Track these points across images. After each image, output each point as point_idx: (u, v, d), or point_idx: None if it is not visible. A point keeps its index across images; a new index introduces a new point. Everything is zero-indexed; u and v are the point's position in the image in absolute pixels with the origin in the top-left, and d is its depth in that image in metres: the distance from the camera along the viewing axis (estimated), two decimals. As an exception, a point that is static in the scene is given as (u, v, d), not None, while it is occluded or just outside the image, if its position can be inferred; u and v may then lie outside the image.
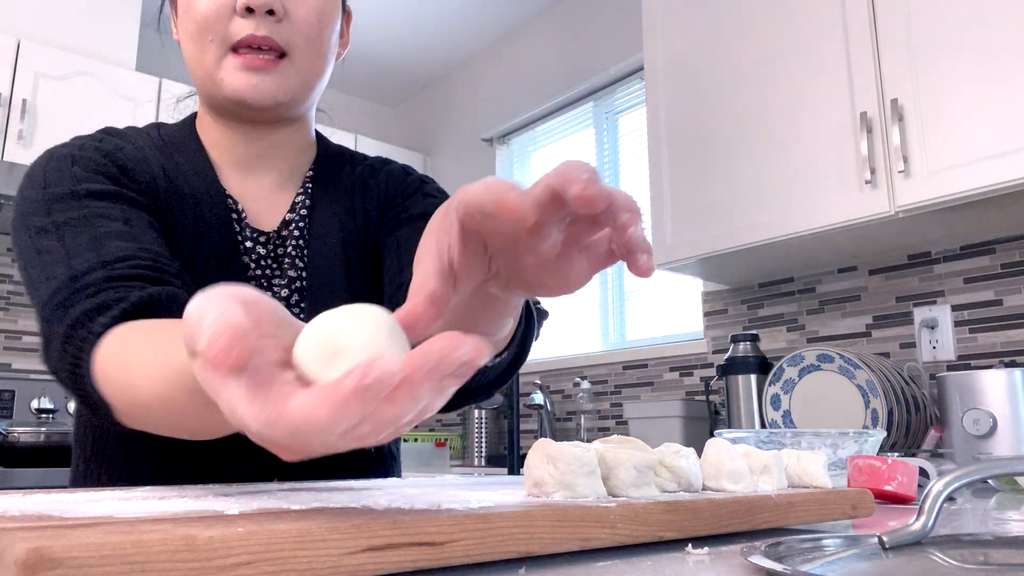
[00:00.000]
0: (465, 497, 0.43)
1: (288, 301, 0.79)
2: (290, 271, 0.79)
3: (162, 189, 0.75)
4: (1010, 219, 1.76)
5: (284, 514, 0.34)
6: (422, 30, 3.57)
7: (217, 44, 0.73)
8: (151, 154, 0.77)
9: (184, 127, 0.83)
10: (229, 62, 0.73)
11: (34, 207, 0.67)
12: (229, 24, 0.73)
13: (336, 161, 0.88)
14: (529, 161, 3.45)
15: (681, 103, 2.20)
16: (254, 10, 0.72)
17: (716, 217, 2.04)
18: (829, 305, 2.20)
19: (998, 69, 1.56)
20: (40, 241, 0.65)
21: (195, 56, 0.75)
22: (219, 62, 0.74)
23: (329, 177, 0.86)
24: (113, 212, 0.67)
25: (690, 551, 0.42)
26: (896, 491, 0.76)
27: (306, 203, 0.83)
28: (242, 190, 0.80)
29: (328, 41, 0.78)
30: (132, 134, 0.79)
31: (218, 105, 0.78)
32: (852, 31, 1.79)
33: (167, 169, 0.76)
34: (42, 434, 2.44)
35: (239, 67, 0.73)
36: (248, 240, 0.79)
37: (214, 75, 0.74)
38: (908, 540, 0.42)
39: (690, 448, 0.53)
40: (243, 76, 0.73)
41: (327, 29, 0.77)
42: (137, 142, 0.78)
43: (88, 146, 0.73)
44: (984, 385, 1.50)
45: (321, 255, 0.80)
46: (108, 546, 0.25)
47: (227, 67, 0.73)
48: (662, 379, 2.64)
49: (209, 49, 0.74)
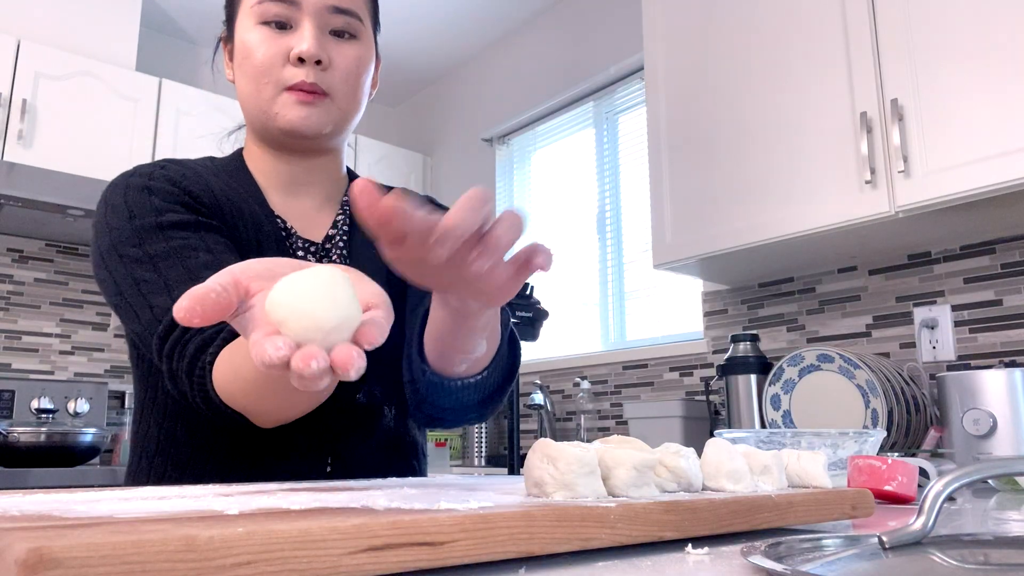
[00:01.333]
0: (465, 497, 0.43)
1: None
2: None
3: (225, 209, 0.86)
4: (1010, 219, 1.76)
5: (284, 514, 0.34)
6: (422, 30, 3.57)
7: (272, 86, 0.86)
8: (209, 179, 0.88)
9: (233, 158, 0.95)
10: (283, 98, 0.86)
11: (124, 237, 0.78)
12: (282, 71, 0.85)
13: None
14: (529, 161, 3.45)
15: (681, 103, 2.20)
16: (306, 60, 0.85)
17: (716, 217, 2.04)
18: (829, 305, 2.20)
19: (998, 69, 1.56)
20: (136, 271, 0.76)
21: (251, 94, 0.87)
22: (273, 99, 0.86)
23: None
24: (196, 243, 0.78)
25: (690, 551, 0.42)
26: (896, 491, 0.76)
27: (346, 222, 0.95)
28: (286, 209, 0.92)
29: (364, 86, 0.91)
30: (189, 162, 0.91)
31: (269, 135, 0.90)
32: (852, 31, 1.79)
33: (225, 191, 0.88)
34: (42, 434, 2.44)
35: (293, 102, 0.86)
36: (300, 250, 0.90)
37: (268, 110, 0.86)
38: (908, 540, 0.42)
39: (690, 448, 0.53)
40: (295, 109, 0.86)
41: (364, 76, 0.91)
42: (196, 168, 0.89)
43: (157, 175, 0.84)
44: (984, 385, 1.50)
45: (362, 263, 0.91)
46: (108, 546, 0.25)
47: (281, 103, 0.86)
48: (662, 379, 2.64)
49: (265, 90, 0.86)
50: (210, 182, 0.87)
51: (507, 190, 3.50)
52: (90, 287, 3.18)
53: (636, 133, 2.95)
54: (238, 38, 0.89)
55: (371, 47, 0.92)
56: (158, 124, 2.92)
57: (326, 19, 0.86)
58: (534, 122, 3.38)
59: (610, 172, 3.03)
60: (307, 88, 0.85)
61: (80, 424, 2.68)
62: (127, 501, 0.41)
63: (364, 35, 0.90)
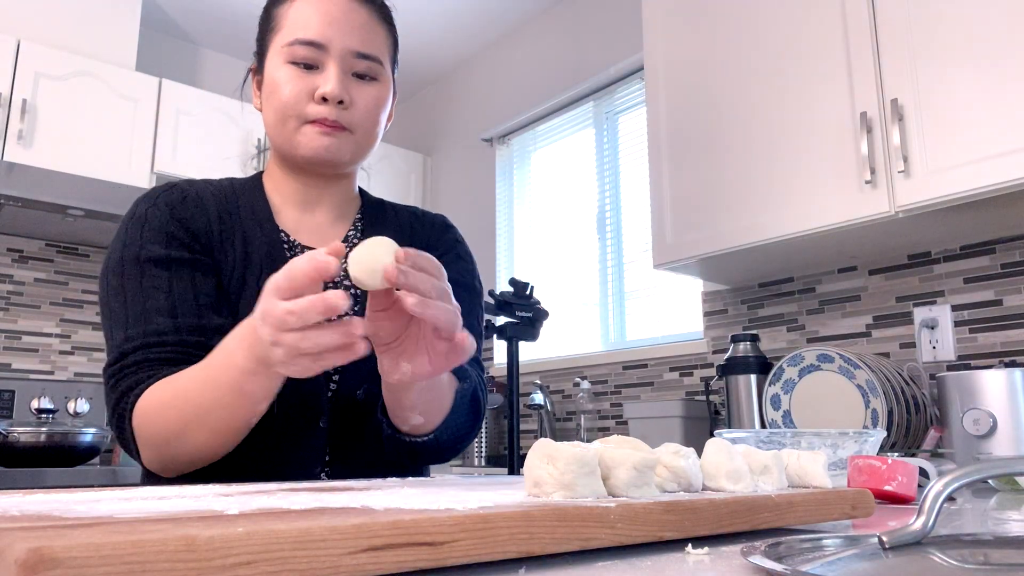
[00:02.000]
0: (465, 497, 0.43)
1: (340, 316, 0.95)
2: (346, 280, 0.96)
3: (216, 229, 0.94)
4: (1010, 219, 1.76)
5: (284, 514, 0.34)
6: (422, 30, 3.57)
7: (296, 119, 0.92)
8: (210, 202, 0.95)
9: (253, 178, 1.02)
10: (306, 129, 0.92)
11: (113, 265, 0.88)
12: (307, 107, 0.91)
13: (379, 208, 1.07)
14: (529, 161, 3.45)
15: (681, 103, 2.20)
16: (328, 100, 0.90)
17: (716, 217, 2.04)
18: (829, 305, 2.20)
19: (998, 69, 1.56)
20: (112, 301, 0.86)
21: (277, 124, 0.94)
22: (297, 130, 0.92)
23: (377, 220, 1.05)
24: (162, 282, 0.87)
25: (690, 551, 0.42)
26: (896, 491, 0.76)
27: (356, 236, 1.02)
28: (296, 225, 0.99)
29: (381, 122, 0.98)
30: (200, 183, 0.98)
31: (292, 162, 0.96)
32: (852, 31, 1.79)
33: (222, 212, 0.95)
34: (42, 434, 2.44)
35: (316, 133, 0.91)
36: None
37: (292, 140, 0.93)
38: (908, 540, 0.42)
39: (690, 448, 0.53)
40: (318, 139, 0.92)
41: (382, 114, 0.97)
42: (203, 193, 0.96)
43: (160, 202, 0.92)
44: (984, 385, 1.50)
45: None
46: (108, 546, 0.25)
47: (304, 133, 0.92)
48: (662, 379, 2.64)
49: (289, 123, 0.92)
50: (208, 205, 0.95)
51: (507, 190, 3.50)
52: (90, 287, 3.17)
53: (636, 133, 2.95)
54: (268, 74, 0.94)
55: (390, 86, 0.98)
56: (158, 124, 2.92)
57: (350, 63, 0.92)
58: (534, 122, 3.38)
59: (610, 172, 3.03)
60: (329, 123, 0.91)
61: (80, 424, 2.68)
62: (127, 501, 0.41)
63: (384, 77, 0.96)
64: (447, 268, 0.99)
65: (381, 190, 3.72)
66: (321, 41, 0.90)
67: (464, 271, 1.04)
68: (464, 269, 1.04)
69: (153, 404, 0.77)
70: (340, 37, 0.91)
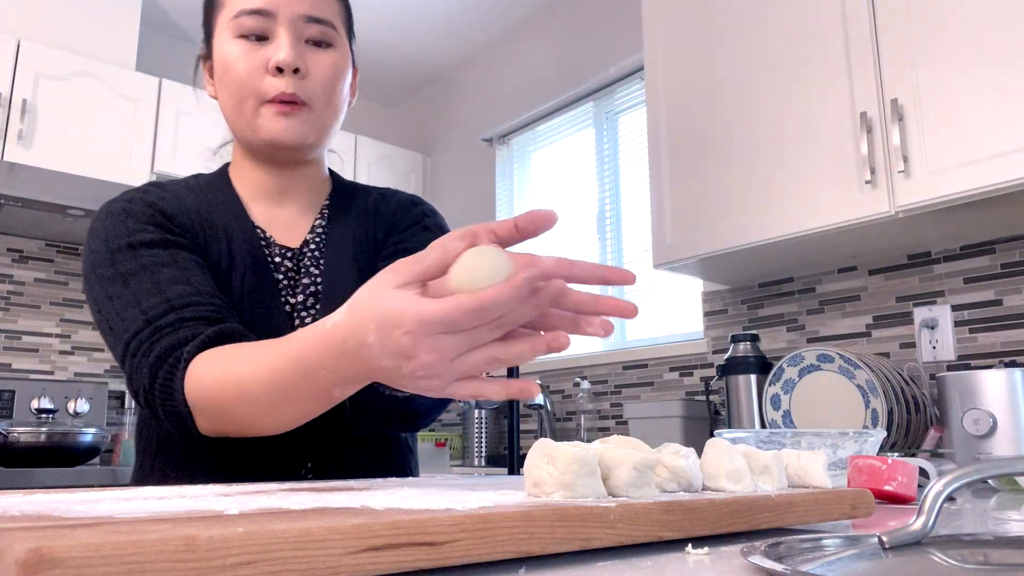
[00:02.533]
0: (465, 497, 0.43)
1: (305, 304, 0.92)
2: (304, 279, 0.93)
3: (198, 225, 0.90)
4: (1010, 219, 1.76)
5: (284, 514, 0.34)
6: (422, 30, 3.57)
7: (253, 98, 0.88)
8: (187, 198, 0.92)
9: (218, 173, 0.99)
10: (264, 111, 0.89)
11: (100, 259, 0.83)
12: (263, 82, 0.88)
13: (350, 192, 1.04)
14: (529, 161, 3.45)
15: (681, 103, 2.20)
16: (283, 70, 0.87)
17: (716, 217, 2.04)
18: (829, 305, 2.20)
19: (998, 69, 1.56)
20: (110, 288, 0.80)
21: (234, 108, 0.90)
22: (255, 113, 0.89)
23: (344, 206, 1.01)
24: (164, 259, 0.82)
25: (690, 551, 0.42)
26: (896, 491, 0.76)
27: (323, 225, 0.98)
28: (268, 219, 0.96)
29: (341, 94, 0.94)
30: (172, 184, 0.95)
31: (254, 148, 0.93)
32: (852, 31, 1.79)
33: (201, 208, 0.92)
34: (42, 434, 2.44)
35: (274, 114, 0.88)
36: (277, 256, 0.93)
37: (252, 123, 0.89)
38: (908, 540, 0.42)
39: (690, 448, 0.53)
40: (276, 121, 0.88)
41: (341, 83, 0.93)
42: (176, 190, 0.93)
43: (136, 199, 0.88)
44: (984, 385, 1.50)
45: (334, 265, 0.94)
46: (108, 546, 0.25)
47: (263, 116, 0.89)
48: (662, 379, 2.64)
49: (247, 104, 0.89)
50: (187, 201, 0.91)
51: (507, 190, 3.50)
52: (90, 287, 3.17)
53: (636, 133, 2.95)
54: (217, 53, 0.91)
55: (347, 55, 0.95)
56: (158, 124, 2.91)
57: (301, 29, 0.89)
58: (534, 122, 3.38)
59: (610, 172, 3.03)
60: (286, 99, 0.88)
61: (80, 424, 2.68)
62: (127, 501, 0.41)
63: (339, 43, 0.93)
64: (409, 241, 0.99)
65: (381, 190, 3.72)
66: (268, 8, 0.87)
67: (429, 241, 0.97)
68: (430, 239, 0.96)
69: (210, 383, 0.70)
70: (287, 2, 0.88)
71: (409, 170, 3.84)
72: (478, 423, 3.04)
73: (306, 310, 0.92)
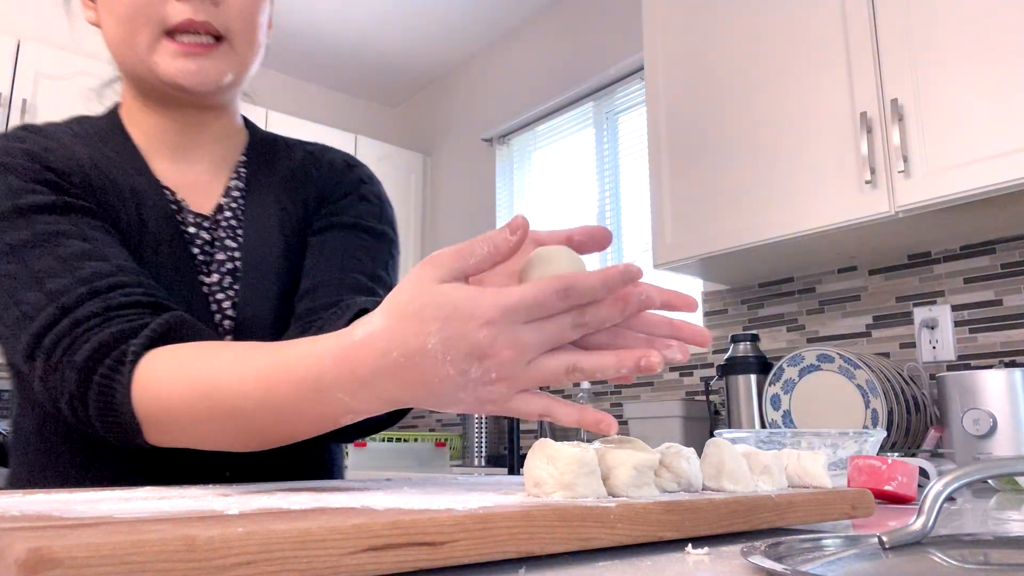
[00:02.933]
0: (465, 497, 0.43)
1: (221, 284, 0.78)
2: (219, 254, 0.79)
3: (97, 185, 0.72)
4: (1010, 219, 1.76)
5: (284, 514, 0.34)
6: (422, 30, 3.57)
7: (151, 28, 0.70)
8: (78, 150, 0.74)
9: (108, 118, 0.81)
10: (165, 47, 0.71)
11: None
12: (164, 7, 0.70)
13: (270, 148, 0.88)
14: (529, 161, 3.45)
15: (681, 103, 2.20)
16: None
17: (716, 217, 2.04)
18: (829, 305, 2.20)
19: (998, 69, 1.56)
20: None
21: (124, 40, 0.72)
22: (153, 47, 0.71)
23: (264, 164, 0.86)
24: (67, 228, 0.66)
25: (690, 551, 0.42)
26: (896, 491, 0.76)
27: (240, 187, 0.83)
28: (176, 178, 0.79)
29: (262, 25, 0.78)
30: (53, 130, 0.76)
31: (150, 88, 0.75)
32: (852, 31, 1.79)
33: (98, 163, 0.74)
34: None
35: (177, 53, 0.71)
36: (191, 226, 0.78)
37: (147, 60, 0.72)
38: (908, 540, 0.42)
39: (690, 448, 0.53)
40: (182, 62, 0.71)
41: (261, 13, 0.78)
42: (61, 138, 0.75)
43: (14, 150, 0.70)
44: (984, 385, 1.50)
45: (255, 238, 0.80)
46: (108, 546, 0.25)
47: (163, 52, 0.71)
48: (662, 379, 2.64)
49: (141, 33, 0.71)
50: (78, 153, 0.74)
51: (507, 190, 3.50)
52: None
53: (636, 133, 2.95)
54: None
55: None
56: (158, 124, 2.91)
57: None
58: (534, 122, 3.38)
59: (610, 172, 3.03)
60: (196, 28, 0.71)
61: None
62: (127, 501, 0.41)
63: None
64: (346, 212, 0.85)
65: (381, 190, 3.72)
66: None
67: (367, 213, 0.86)
68: (368, 211, 0.86)
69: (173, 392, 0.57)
70: None
71: (409, 170, 3.84)
72: (478, 423, 3.04)
73: (222, 291, 0.78)
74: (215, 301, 0.77)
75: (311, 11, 3.42)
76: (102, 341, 0.59)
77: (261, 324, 0.78)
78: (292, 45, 3.67)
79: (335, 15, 3.45)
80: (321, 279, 0.79)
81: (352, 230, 0.84)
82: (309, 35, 3.60)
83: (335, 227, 0.83)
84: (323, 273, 0.79)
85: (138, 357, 0.58)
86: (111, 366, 0.59)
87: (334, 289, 0.78)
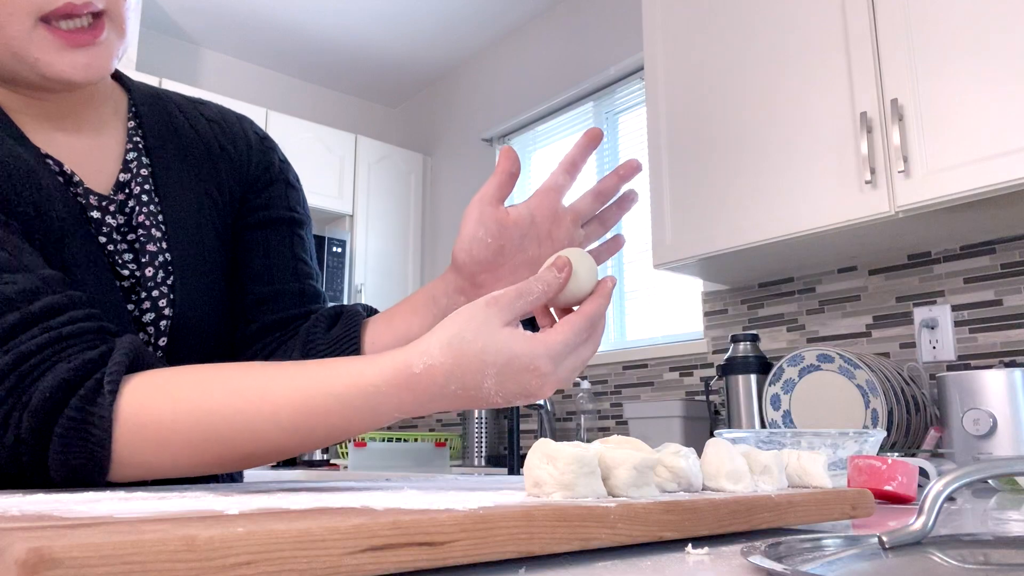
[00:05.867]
0: (465, 497, 0.43)
1: (155, 279, 0.70)
2: (149, 245, 0.70)
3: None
4: (1010, 219, 1.76)
5: (284, 514, 0.34)
6: (422, 30, 3.57)
7: (23, 16, 0.59)
8: None
9: None
10: (44, 39, 0.61)
11: None
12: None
13: (159, 107, 0.78)
14: (529, 161, 3.45)
15: (681, 103, 2.20)
16: None
17: (716, 217, 2.04)
18: (829, 305, 2.20)
19: (998, 69, 1.56)
20: None
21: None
22: (28, 36, 0.60)
23: (161, 128, 0.76)
24: None
25: (690, 551, 0.42)
26: (896, 491, 0.76)
27: (140, 160, 0.73)
28: (61, 150, 0.68)
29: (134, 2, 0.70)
30: None
31: (23, 82, 0.64)
32: (852, 31, 1.79)
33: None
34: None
35: (61, 46, 0.61)
36: (95, 210, 0.68)
37: (22, 53, 0.60)
38: (908, 540, 0.42)
39: (690, 448, 0.53)
40: (70, 56, 0.61)
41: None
42: None
43: None
44: (984, 385, 1.50)
45: (180, 227, 0.72)
46: (108, 546, 0.25)
47: (43, 46, 0.61)
48: (662, 379, 2.64)
49: (12, 23, 0.59)
50: None
51: (507, 190, 3.50)
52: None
53: (636, 133, 2.95)
54: None
55: None
56: (158, 124, 2.91)
57: None
58: (534, 122, 3.38)
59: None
60: (79, 11, 0.60)
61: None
62: (127, 501, 0.41)
63: None
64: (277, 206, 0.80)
65: (381, 190, 3.72)
66: None
67: (296, 202, 0.82)
68: (295, 199, 0.83)
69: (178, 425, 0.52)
70: None
71: (409, 170, 3.84)
72: (478, 423, 3.04)
73: (157, 287, 0.70)
74: (149, 299, 0.69)
75: (311, 11, 3.42)
76: (62, 377, 0.51)
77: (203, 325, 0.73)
78: (292, 45, 3.67)
79: (335, 15, 3.46)
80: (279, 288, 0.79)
81: (290, 226, 0.82)
82: (309, 35, 3.61)
83: (274, 223, 0.81)
84: (279, 281, 0.79)
85: (116, 387, 0.52)
86: (83, 400, 0.51)
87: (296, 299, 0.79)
